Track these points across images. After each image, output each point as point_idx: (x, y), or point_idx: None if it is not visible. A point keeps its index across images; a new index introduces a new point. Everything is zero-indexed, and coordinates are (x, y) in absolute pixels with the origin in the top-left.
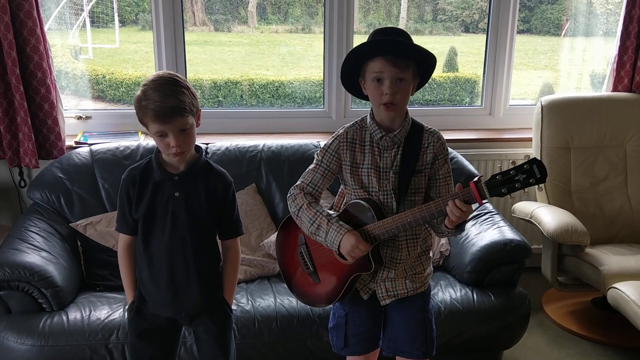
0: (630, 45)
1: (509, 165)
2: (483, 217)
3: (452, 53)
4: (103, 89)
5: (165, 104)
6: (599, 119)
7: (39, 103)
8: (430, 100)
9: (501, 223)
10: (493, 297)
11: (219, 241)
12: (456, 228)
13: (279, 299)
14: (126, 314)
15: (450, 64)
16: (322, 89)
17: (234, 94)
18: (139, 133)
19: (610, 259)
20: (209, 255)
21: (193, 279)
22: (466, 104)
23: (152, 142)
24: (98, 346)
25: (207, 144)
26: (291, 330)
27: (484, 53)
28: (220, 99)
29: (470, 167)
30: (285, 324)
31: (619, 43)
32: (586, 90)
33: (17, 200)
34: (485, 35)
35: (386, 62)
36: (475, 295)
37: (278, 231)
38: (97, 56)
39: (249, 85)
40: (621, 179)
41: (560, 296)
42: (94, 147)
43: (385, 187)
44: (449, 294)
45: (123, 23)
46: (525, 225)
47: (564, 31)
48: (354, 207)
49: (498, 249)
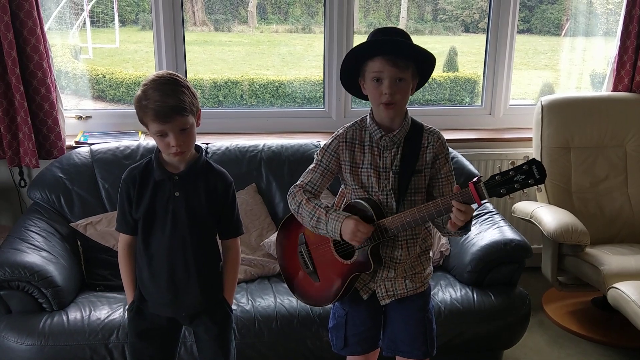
0: (630, 45)
1: (509, 165)
2: (483, 217)
3: (452, 53)
4: (103, 89)
5: (165, 103)
6: (599, 118)
7: (39, 103)
8: (430, 100)
9: (501, 223)
10: (493, 297)
11: (219, 241)
12: (462, 228)
13: (279, 299)
14: (126, 314)
15: (451, 63)
16: (322, 89)
17: (234, 94)
18: (139, 133)
19: (611, 258)
20: (209, 255)
21: (193, 279)
22: (466, 104)
23: (152, 142)
24: (98, 346)
25: (207, 143)
26: (291, 330)
27: (484, 53)
28: (221, 98)
29: (471, 167)
30: (285, 324)
31: (619, 43)
32: (586, 90)
33: (17, 200)
34: (485, 35)
35: (385, 62)
36: (475, 295)
37: (278, 231)
38: (97, 56)
39: (249, 85)
40: (621, 178)
41: (561, 296)
42: (94, 147)
43: (384, 187)
44: (449, 294)
45: (123, 23)
46: (526, 225)
47: (564, 31)
48: (354, 207)
49: (498, 248)
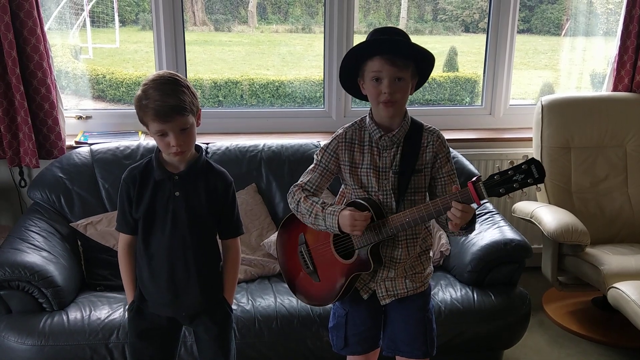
0: (630, 45)
1: (508, 165)
2: (483, 217)
3: (452, 53)
4: (103, 89)
5: (165, 103)
6: (599, 118)
7: (39, 103)
8: (430, 100)
9: (501, 223)
10: (493, 297)
11: (219, 241)
12: (465, 228)
13: (279, 299)
14: (126, 314)
15: (451, 63)
16: (322, 89)
17: (234, 94)
18: (139, 133)
19: (611, 258)
20: (209, 255)
21: (193, 279)
22: (466, 104)
23: (153, 142)
24: (98, 346)
25: (207, 143)
26: (291, 330)
27: (484, 53)
28: (221, 98)
29: (471, 167)
30: (286, 324)
31: (619, 43)
32: (586, 90)
33: (18, 200)
34: (485, 35)
35: (385, 62)
36: (475, 295)
37: (278, 231)
38: (98, 56)
39: (249, 85)
40: (621, 178)
41: (561, 296)
42: (94, 147)
43: (384, 187)
44: (449, 294)
45: (123, 23)
46: (526, 225)
47: (564, 31)
48: (353, 207)
49: (498, 248)
